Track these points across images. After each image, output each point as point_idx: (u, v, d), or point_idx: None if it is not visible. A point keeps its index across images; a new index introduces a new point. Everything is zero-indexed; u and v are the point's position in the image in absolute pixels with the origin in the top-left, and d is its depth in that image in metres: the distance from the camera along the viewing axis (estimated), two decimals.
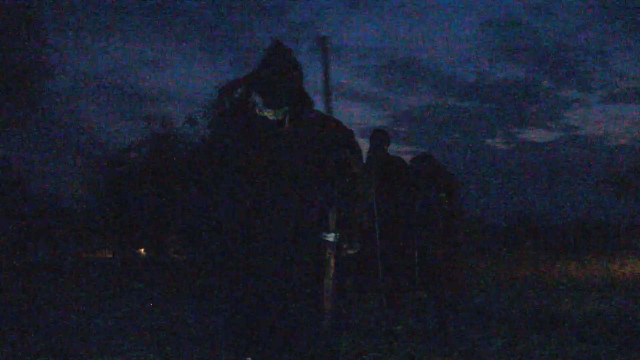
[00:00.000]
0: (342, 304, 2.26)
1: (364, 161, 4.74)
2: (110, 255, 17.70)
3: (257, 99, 2.26)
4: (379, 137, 4.93)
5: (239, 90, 2.31)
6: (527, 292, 6.60)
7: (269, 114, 2.25)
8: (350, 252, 2.25)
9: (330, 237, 2.18)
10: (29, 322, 4.50)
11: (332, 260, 2.17)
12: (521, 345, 3.55)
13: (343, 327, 2.38)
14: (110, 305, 5.65)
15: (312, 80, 2.39)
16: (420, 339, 3.74)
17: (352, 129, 2.37)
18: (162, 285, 7.76)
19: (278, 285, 2.13)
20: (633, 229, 21.07)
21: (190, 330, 4.11)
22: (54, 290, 7.26)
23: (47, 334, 3.99)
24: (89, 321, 4.58)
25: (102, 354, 3.36)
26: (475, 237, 18.58)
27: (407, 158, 5.15)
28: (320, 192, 2.22)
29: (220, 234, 2.24)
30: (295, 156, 2.20)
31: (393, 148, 5.10)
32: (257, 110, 2.25)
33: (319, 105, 2.36)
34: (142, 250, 16.20)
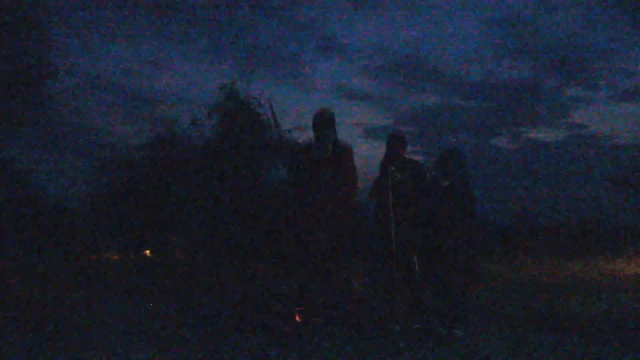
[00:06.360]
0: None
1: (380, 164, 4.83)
2: (116, 257, 17.74)
3: None
4: (393, 141, 4.98)
5: None
6: (533, 292, 6.57)
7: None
8: None
9: None
10: (33, 323, 4.51)
11: None
12: (526, 346, 3.53)
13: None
14: (115, 305, 5.66)
15: (318, 79, 2.42)
16: (420, 339, 3.72)
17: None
18: (167, 285, 7.77)
19: None
20: None
21: (191, 330, 4.11)
22: (59, 291, 7.28)
23: (51, 334, 4.00)
24: (93, 322, 4.59)
25: (104, 355, 3.37)
26: (481, 237, 18.49)
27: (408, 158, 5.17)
28: None
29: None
30: None
31: None
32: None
33: None
34: (148, 251, 16.23)
